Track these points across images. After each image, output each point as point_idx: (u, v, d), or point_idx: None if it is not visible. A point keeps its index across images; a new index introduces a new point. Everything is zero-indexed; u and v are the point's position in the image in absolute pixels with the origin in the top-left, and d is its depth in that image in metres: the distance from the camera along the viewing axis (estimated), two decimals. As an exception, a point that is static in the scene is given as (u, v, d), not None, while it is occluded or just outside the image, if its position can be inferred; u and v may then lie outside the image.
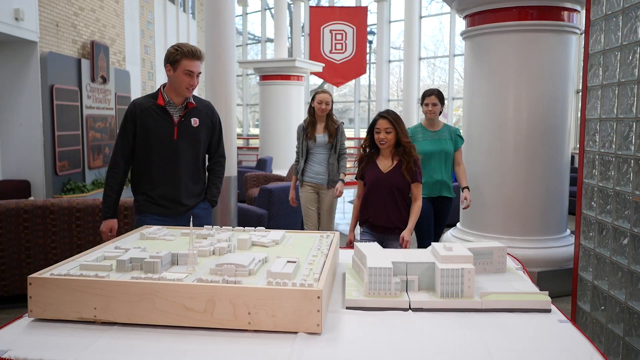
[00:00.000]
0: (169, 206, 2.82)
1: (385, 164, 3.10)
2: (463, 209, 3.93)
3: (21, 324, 1.57)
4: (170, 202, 2.82)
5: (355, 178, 3.24)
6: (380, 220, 3.08)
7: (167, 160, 2.81)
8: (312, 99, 4.37)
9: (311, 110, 4.38)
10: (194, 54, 2.71)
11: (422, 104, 3.95)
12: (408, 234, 3.02)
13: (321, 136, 4.32)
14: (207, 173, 3.05)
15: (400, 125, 3.05)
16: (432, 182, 3.85)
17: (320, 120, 4.34)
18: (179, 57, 2.70)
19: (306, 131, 4.35)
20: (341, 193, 4.22)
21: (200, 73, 2.78)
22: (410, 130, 3.83)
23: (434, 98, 3.87)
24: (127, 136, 2.80)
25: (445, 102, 4.00)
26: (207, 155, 3.05)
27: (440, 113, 3.95)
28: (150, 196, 2.81)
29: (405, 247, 2.95)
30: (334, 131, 4.29)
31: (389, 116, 3.05)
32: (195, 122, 2.85)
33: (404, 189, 3.08)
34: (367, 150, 3.17)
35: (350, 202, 9.38)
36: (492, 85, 4.43)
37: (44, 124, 7.35)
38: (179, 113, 2.82)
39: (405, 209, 3.10)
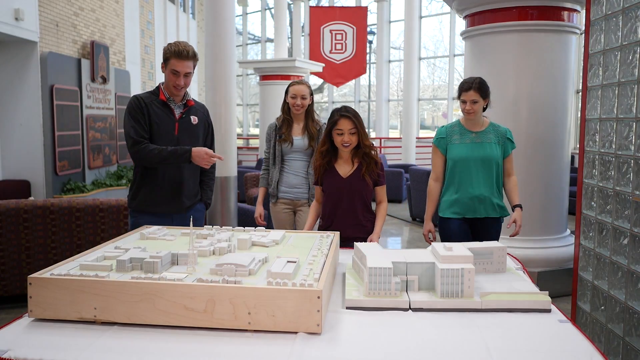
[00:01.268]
0: (169, 203, 2.81)
1: (344, 168, 2.79)
2: (510, 236, 3.03)
3: (21, 324, 1.57)
4: (171, 200, 2.81)
5: (314, 184, 2.91)
6: (344, 231, 2.68)
7: None
8: (286, 92, 3.44)
9: (285, 107, 3.47)
10: (180, 54, 2.69)
11: (458, 99, 3.04)
12: (376, 237, 2.73)
13: (299, 139, 3.42)
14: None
15: (362, 125, 2.73)
16: (467, 197, 2.99)
17: (298, 120, 3.45)
18: (168, 55, 2.71)
19: (280, 132, 3.44)
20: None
21: (188, 73, 2.75)
22: (444, 130, 3.10)
23: (472, 94, 2.93)
24: (140, 121, 2.73)
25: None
26: None
27: (485, 109, 3.05)
28: (151, 193, 2.79)
29: None
30: (315, 133, 3.40)
31: (353, 116, 2.70)
32: (194, 119, 2.88)
33: (366, 194, 2.79)
34: (326, 155, 2.80)
35: None
36: (492, 85, 4.37)
37: (44, 124, 7.35)
38: (180, 110, 2.85)
39: (367, 218, 2.81)
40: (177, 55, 2.69)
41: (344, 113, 2.70)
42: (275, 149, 3.45)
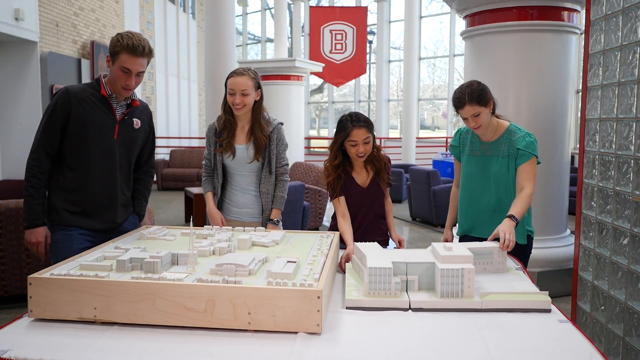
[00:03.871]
0: (101, 219, 2.39)
1: (362, 177, 2.62)
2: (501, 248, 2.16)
3: (21, 324, 1.57)
4: (104, 215, 2.39)
5: (332, 198, 2.60)
6: (363, 237, 2.51)
7: (103, 163, 2.37)
8: (225, 86, 2.68)
9: (227, 105, 2.68)
10: (134, 50, 2.23)
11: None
12: (396, 235, 2.69)
13: (242, 148, 2.67)
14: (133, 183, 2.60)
15: (373, 130, 2.56)
16: (471, 214, 2.65)
17: (242, 121, 2.69)
18: (119, 49, 2.25)
19: (220, 138, 2.69)
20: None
21: (141, 72, 2.32)
22: (457, 137, 2.73)
23: (469, 109, 2.41)
24: (55, 130, 2.29)
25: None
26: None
27: (494, 111, 2.56)
28: (78, 207, 2.35)
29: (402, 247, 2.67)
30: (264, 141, 2.66)
31: (365, 124, 2.49)
32: (137, 123, 2.46)
33: (382, 200, 2.69)
34: (338, 168, 2.57)
35: None
36: (492, 85, 4.36)
37: (44, 124, 7.35)
38: (122, 110, 2.41)
39: (381, 221, 2.71)
40: (131, 51, 2.24)
41: (356, 123, 2.48)
42: (216, 159, 2.71)
